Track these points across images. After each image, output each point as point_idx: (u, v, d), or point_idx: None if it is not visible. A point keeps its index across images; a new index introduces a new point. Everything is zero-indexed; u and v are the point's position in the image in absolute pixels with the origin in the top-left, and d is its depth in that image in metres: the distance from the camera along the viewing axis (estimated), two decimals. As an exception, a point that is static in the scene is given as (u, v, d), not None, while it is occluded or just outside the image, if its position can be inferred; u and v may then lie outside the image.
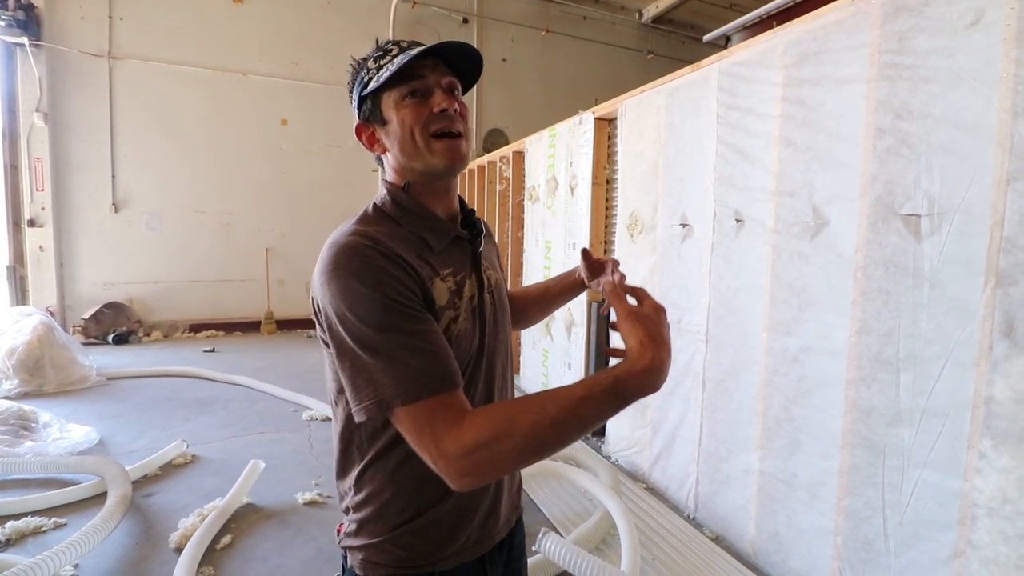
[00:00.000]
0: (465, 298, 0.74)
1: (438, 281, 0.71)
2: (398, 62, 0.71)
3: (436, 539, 0.75)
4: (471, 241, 0.80)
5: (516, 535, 0.90)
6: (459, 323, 0.72)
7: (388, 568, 0.74)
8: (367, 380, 0.62)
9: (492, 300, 0.81)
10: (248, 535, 2.15)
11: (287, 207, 6.65)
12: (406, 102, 0.72)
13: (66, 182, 5.78)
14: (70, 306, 5.85)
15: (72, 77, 5.72)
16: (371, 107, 0.75)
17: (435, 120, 0.72)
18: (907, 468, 1.47)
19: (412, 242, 0.72)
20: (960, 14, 1.37)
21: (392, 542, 0.74)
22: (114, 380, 4.30)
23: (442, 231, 0.76)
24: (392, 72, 0.70)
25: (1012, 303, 1.26)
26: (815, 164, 1.77)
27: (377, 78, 0.73)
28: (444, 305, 0.71)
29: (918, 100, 1.46)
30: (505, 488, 0.84)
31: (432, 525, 0.74)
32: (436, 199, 0.78)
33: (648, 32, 8.52)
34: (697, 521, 2.27)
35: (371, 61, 0.75)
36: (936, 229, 1.42)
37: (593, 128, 3.09)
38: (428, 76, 0.73)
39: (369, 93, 0.74)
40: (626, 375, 0.58)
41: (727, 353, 2.15)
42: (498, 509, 0.82)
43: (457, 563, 0.76)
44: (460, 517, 0.76)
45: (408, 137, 0.72)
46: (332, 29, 6.68)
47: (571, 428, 0.58)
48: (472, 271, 0.78)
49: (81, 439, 2.93)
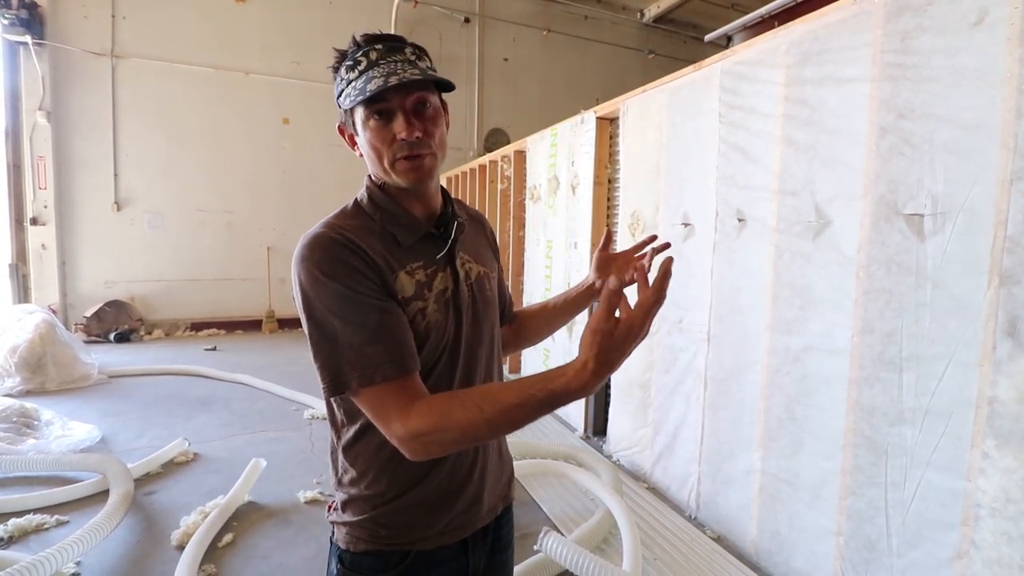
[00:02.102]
0: (435, 290, 0.77)
1: (403, 274, 0.74)
2: (360, 85, 0.71)
3: (417, 520, 0.78)
4: (445, 237, 0.81)
5: (504, 525, 0.91)
6: (428, 314, 0.75)
7: (369, 543, 0.77)
8: (328, 363, 0.68)
9: (471, 292, 0.83)
10: (250, 533, 2.15)
11: (289, 206, 6.66)
12: (371, 123, 0.73)
13: (69, 180, 5.80)
14: (72, 304, 5.87)
15: (75, 75, 5.73)
16: (345, 116, 0.78)
17: (398, 148, 0.72)
18: (910, 468, 1.47)
19: (381, 236, 0.75)
20: (964, 13, 1.36)
21: (374, 520, 0.77)
22: (116, 378, 4.31)
23: (412, 227, 0.78)
24: (353, 101, 0.72)
25: (1016, 303, 1.26)
26: (817, 163, 1.76)
27: (345, 95, 0.74)
28: (411, 296, 0.74)
29: (921, 100, 1.46)
30: (491, 476, 0.85)
31: (413, 506, 0.77)
32: (414, 199, 0.80)
33: (649, 32, 8.51)
34: (699, 521, 2.26)
35: (344, 70, 0.74)
36: (939, 229, 1.41)
37: (595, 127, 3.09)
38: (391, 99, 0.71)
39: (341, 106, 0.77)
40: (563, 391, 0.60)
41: (729, 352, 2.15)
42: (482, 496, 0.83)
43: (437, 544, 0.79)
44: (441, 500, 0.79)
45: (376, 158, 0.74)
46: (334, 28, 6.68)
47: (503, 428, 0.65)
48: (447, 265, 0.80)
49: (83, 437, 2.93)
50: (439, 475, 0.78)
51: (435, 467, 0.78)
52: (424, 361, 0.75)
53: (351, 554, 0.78)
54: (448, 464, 0.79)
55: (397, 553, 0.77)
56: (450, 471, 0.79)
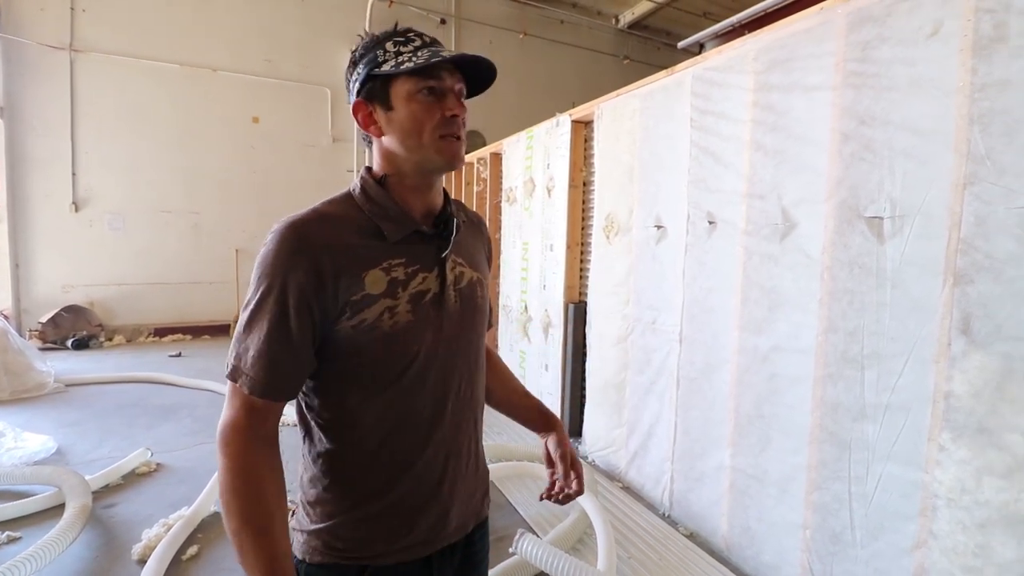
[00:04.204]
0: (411, 290, 0.74)
1: (376, 271, 0.72)
2: (424, 57, 0.72)
3: (374, 535, 0.76)
4: (438, 237, 0.79)
5: (476, 542, 0.88)
6: (398, 313, 0.72)
7: (325, 555, 0.76)
8: (233, 344, 0.71)
9: (459, 297, 0.80)
10: (216, 545, 2.08)
11: (258, 207, 6.49)
12: (419, 97, 0.73)
13: (23, 179, 5.53)
14: (26, 309, 5.59)
15: (30, 70, 5.48)
16: (378, 88, 0.75)
17: (445, 124, 0.74)
18: (872, 462, 1.52)
19: (364, 229, 0.74)
20: (920, 25, 1.42)
21: (331, 532, 0.75)
22: (73, 387, 4.12)
23: (400, 223, 0.76)
24: (417, 64, 0.71)
25: (969, 302, 1.32)
26: (784, 168, 1.82)
27: (395, 64, 0.73)
28: (379, 294, 0.72)
29: (881, 107, 1.52)
30: (462, 492, 0.83)
31: (369, 520, 0.75)
32: (415, 193, 0.78)
33: (625, 37, 8.64)
34: (672, 519, 2.30)
35: (390, 43, 0.75)
36: (898, 231, 1.47)
37: (570, 131, 3.11)
38: (446, 78, 0.74)
39: (381, 74, 0.74)
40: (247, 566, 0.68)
41: (700, 352, 2.19)
42: (448, 515, 0.81)
43: (397, 561, 0.77)
44: (401, 516, 0.76)
45: (415, 132, 0.74)
46: (307, 27, 6.57)
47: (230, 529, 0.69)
48: (435, 266, 0.77)
49: (37, 448, 2.79)
50: (402, 487, 0.76)
51: (399, 479, 0.75)
52: (392, 367, 0.73)
53: (307, 565, 0.76)
54: (413, 477, 0.76)
55: (354, 567, 0.75)
56: (415, 484, 0.76)
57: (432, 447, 0.77)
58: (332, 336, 0.71)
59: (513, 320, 3.91)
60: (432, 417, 0.77)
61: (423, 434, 0.77)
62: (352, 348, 0.71)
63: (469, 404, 0.83)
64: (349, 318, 0.70)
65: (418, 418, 0.76)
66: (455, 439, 0.81)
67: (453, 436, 0.80)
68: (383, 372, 0.73)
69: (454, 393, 0.80)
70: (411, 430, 0.76)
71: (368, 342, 0.71)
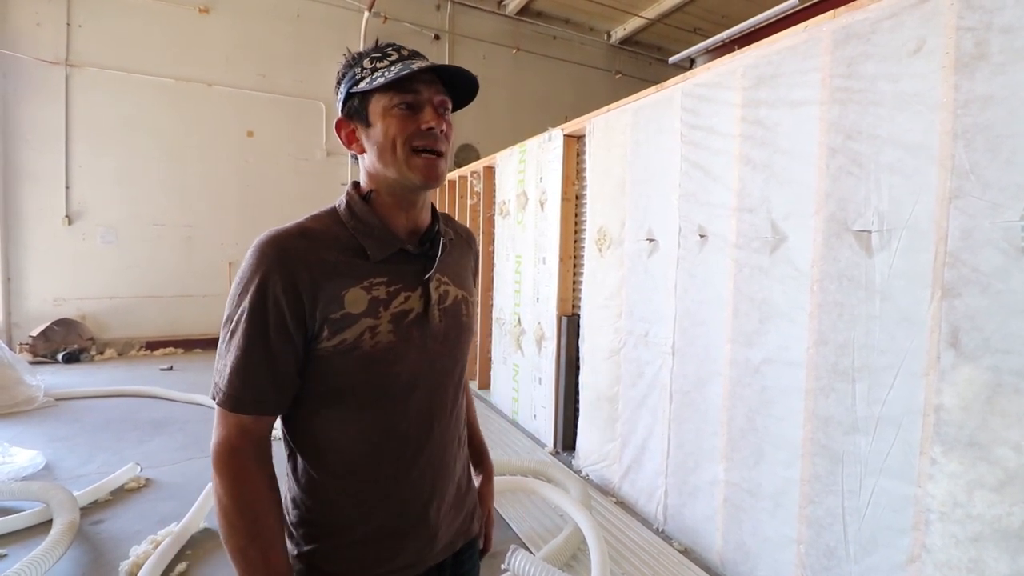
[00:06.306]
0: (393, 309, 0.73)
1: (357, 289, 0.71)
2: (396, 71, 0.71)
3: (356, 560, 0.74)
4: (423, 256, 0.78)
5: (465, 561, 0.87)
6: (380, 333, 0.71)
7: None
8: (216, 363, 0.72)
9: (443, 317, 0.78)
10: (205, 562, 2.04)
11: (252, 221, 6.48)
12: (395, 111, 0.72)
13: (15, 192, 5.51)
14: (17, 323, 5.54)
15: (25, 84, 5.49)
16: (358, 106, 0.75)
17: (419, 136, 0.72)
18: (864, 475, 1.52)
19: (346, 246, 0.73)
20: (904, 42, 1.45)
21: (313, 556, 0.74)
22: (63, 401, 4.07)
23: (384, 242, 0.74)
24: (388, 79, 0.70)
25: (957, 315, 1.33)
26: (773, 182, 1.83)
27: (370, 80, 0.73)
28: (360, 313, 0.70)
29: (867, 122, 1.54)
30: (449, 514, 0.82)
31: (355, 545, 0.74)
32: (400, 211, 0.77)
33: (616, 53, 8.76)
34: (666, 534, 2.28)
35: (367, 60, 0.75)
36: (885, 244, 1.48)
37: (562, 145, 3.14)
38: (422, 91, 0.73)
39: (358, 92, 0.74)
40: None
41: (692, 365, 2.19)
42: (436, 537, 0.79)
43: None
44: (387, 541, 0.75)
45: (389, 146, 0.72)
46: (301, 42, 6.62)
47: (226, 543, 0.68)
48: (419, 286, 0.76)
49: (25, 464, 2.75)
50: (387, 511, 0.74)
51: (383, 502, 0.74)
52: (373, 388, 0.72)
53: None
54: (398, 500, 0.75)
55: None
56: (400, 507, 0.75)
57: (418, 469, 0.76)
58: (312, 356, 0.70)
59: (506, 333, 3.90)
60: (418, 438, 0.76)
61: (409, 455, 0.75)
62: (333, 369, 0.70)
63: (456, 423, 0.82)
64: (329, 338, 0.69)
65: (403, 439, 0.75)
66: (442, 459, 0.79)
67: (440, 456, 0.79)
68: (364, 393, 0.72)
69: (440, 412, 0.78)
70: (395, 452, 0.74)
71: (349, 362, 0.70)
